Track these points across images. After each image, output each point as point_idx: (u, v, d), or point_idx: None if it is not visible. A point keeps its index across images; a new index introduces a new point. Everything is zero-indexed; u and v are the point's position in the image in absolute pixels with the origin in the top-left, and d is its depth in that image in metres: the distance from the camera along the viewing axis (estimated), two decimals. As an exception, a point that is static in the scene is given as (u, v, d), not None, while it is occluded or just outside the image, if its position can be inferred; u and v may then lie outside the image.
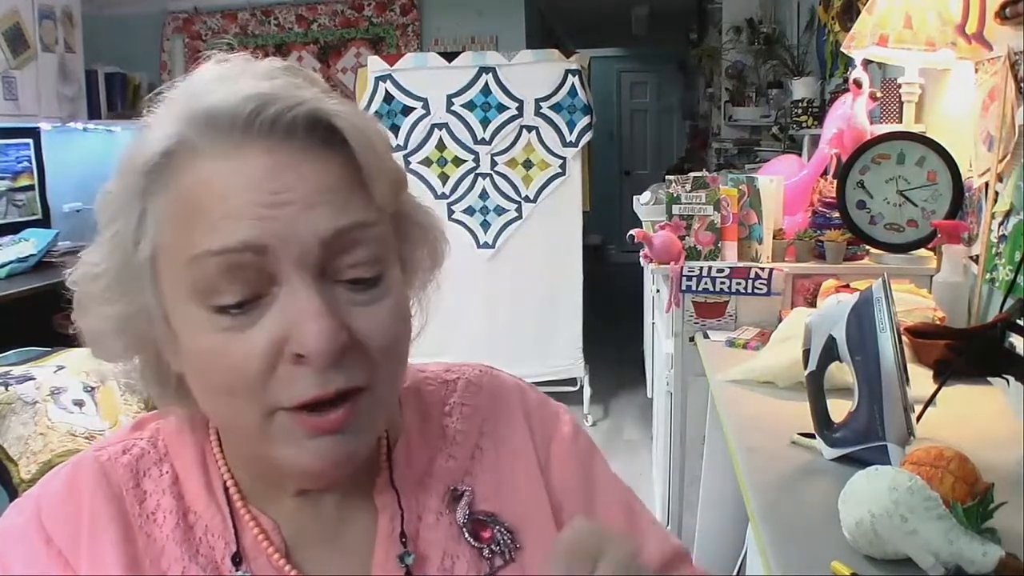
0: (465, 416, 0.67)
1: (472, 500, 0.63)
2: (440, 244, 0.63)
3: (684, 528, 2.33)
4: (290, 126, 0.51)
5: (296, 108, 0.51)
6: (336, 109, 0.52)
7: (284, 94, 0.51)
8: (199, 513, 0.59)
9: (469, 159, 3.92)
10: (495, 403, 0.69)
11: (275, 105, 0.50)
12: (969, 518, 0.90)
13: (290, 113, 0.50)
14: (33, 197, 4.45)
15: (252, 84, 0.51)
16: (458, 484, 0.64)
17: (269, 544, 0.58)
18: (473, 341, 3.62)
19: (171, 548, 0.57)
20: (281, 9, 5.35)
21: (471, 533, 0.62)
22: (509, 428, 0.68)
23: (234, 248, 0.49)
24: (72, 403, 2.05)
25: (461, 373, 0.71)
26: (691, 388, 2.20)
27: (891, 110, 2.33)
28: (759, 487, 1.16)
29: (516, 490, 0.65)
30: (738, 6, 4.93)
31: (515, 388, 0.72)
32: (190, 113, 0.51)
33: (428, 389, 0.69)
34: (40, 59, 4.20)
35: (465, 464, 0.65)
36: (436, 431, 0.66)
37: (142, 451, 0.61)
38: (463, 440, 0.66)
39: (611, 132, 9.04)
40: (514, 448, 0.67)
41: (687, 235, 2.15)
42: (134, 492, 0.58)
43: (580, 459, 0.70)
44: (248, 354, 0.50)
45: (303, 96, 0.51)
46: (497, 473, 0.65)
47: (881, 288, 1.17)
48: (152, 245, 0.52)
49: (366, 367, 0.53)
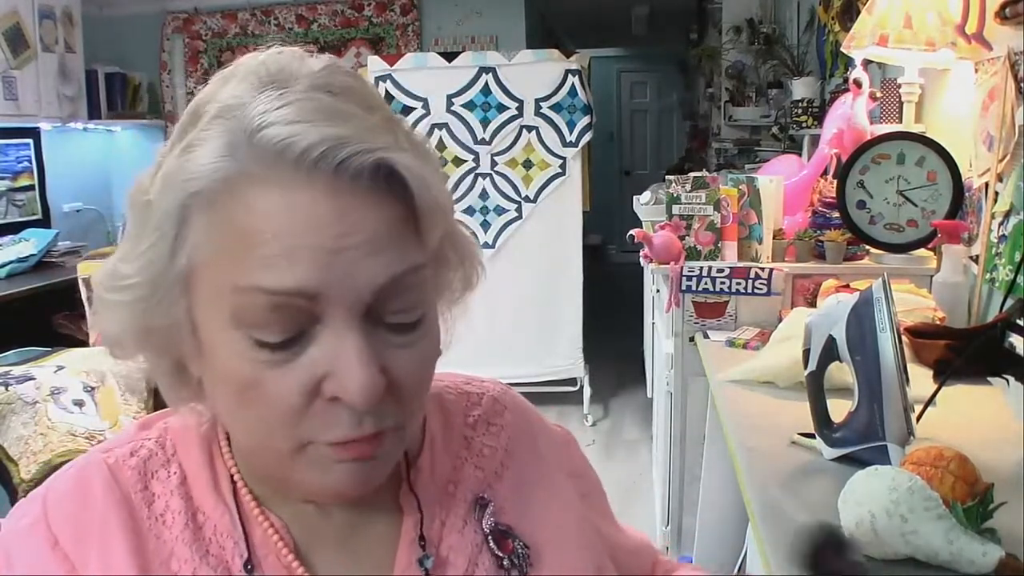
0: (492, 433, 0.68)
1: (495, 511, 0.64)
2: (474, 273, 0.62)
3: (684, 528, 2.33)
4: (358, 170, 0.48)
5: (368, 155, 0.48)
6: (402, 158, 0.50)
7: (357, 138, 0.48)
8: (207, 513, 0.58)
9: (469, 159, 3.92)
10: (519, 424, 0.70)
11: (347, 149, 0.48)
12: (969, 518, 0.90)
13: (360, 159, 0.48)
14: (33, 197, 4.46)
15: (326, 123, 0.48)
16: (483, 493, 0.64)
17: (280, 541, 0.57)
18: (473, 341, 3.58)
19: (180, 549, 0.56)
20: (281, 9, 5.35)
21: (496, 542, 0.62)
22: (532, 451, 0.69)
23: (288, 291, 0.48)
24: (72, 403, 2.05)
25: (483, 389, 0.72)
26: (691, 388, 2.20)
27: (891, 110, 2.33)
28: (759, 487, 1.16)
29: (535, 510, 0.65)
30: (738, 6, 4.93)
31: (532, 411, 0.73)
32: (254, 142, 0.48)
33: (448, 398, 0.70)
34: (40, 59, 4.20)
35: (490, 477, 0.66)
36: (459, 440, 0.67)
37: (150, 452, 0.60)
38: (490, 455, 0.67)
39: (611, 132, 9.04)
40: (537, 471, 0.68)
41: (687, 235, 2.15)
42: (142, 495, 0.58)
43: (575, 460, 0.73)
44: (287, 390, 0.49)
45: (375, 143, 0.49)
46: (518, 492, 0.66)
47: (881, 288, 1.17)
48: (189, 260, 0.51)
49: (398, 408, 0.53)
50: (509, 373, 3.78)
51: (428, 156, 0.55)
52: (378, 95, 0.55)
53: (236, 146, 0.49)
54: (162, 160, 0.52)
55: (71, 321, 3.49)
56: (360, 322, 0.50)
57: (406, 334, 0.52)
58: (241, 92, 0.50)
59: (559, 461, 0.71)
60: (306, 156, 0.47)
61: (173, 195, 0.50)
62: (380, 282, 0.49)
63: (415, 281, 0.52)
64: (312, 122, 0.48)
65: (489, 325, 3.82)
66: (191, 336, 0.53)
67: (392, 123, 0.53)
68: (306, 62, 0.52)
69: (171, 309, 0.52)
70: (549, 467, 0.69)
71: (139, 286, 0.52)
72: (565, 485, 0.69)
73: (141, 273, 0.52)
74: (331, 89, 0.51)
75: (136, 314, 0.53)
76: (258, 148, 0.48)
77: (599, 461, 3.48)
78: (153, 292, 0.52)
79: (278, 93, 0.49)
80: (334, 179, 0.48)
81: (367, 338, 0.50)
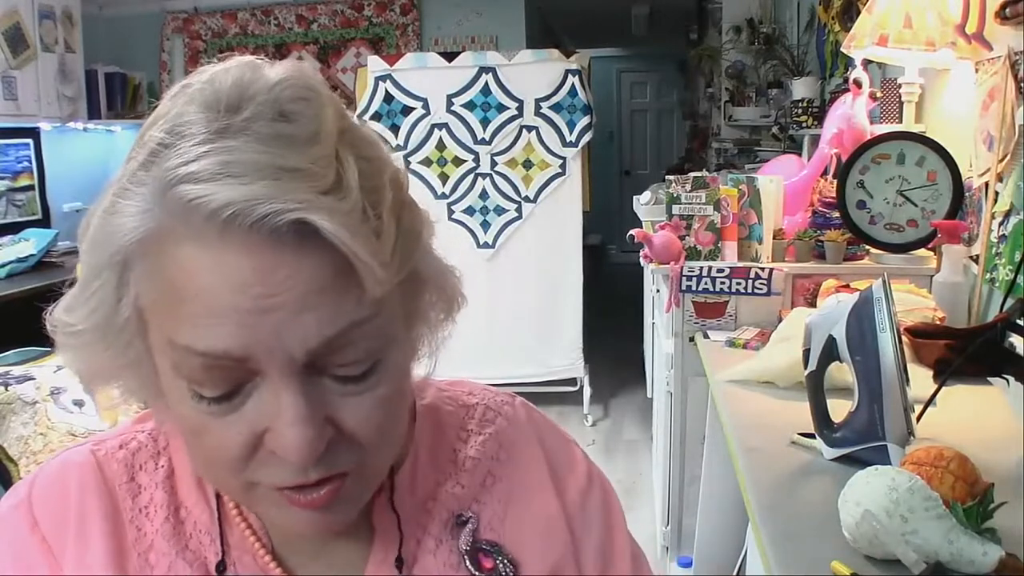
0: (479, 444, 0.65)
1: (477, 528, 0.61)
2: (454, 301, 0.59)
3: (684, 528, 2.33)
4: (275, 229, 0.45)
5: (281, 216, 0.44)
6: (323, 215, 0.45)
7: (272, 196, 0.44)
8: (190, 509, 0.58)
9: (469, 159, 3.92)
10: (513, 432, 0.66)
11: (259, 209, 0.44)
12: (969, 518, 0.90)
13: (274, 220, 0.44)
14: (33, 197, 4.46)
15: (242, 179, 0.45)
16: (464, 511, 0.62)
17: (257, 542, 0.57)
18: (473, 341, 3.61)
19: (159, 543, 0.57)
20: (281, 9, 5.35)
21: (473, 562, 0.60)
22: (526, 461, 0.65)
23: (215, 355, 0.46)
24: (72, 403, 2.05)
25: (482, 399, 0.68)
26: (691, 388, 2.20)
27: (891, 110, 2.33)
28: (759, 487, 1.16)
29: (524, 523, 0.62)
30: (738, 6, 4.93)
31: (538, 421, 0.69)
32: (167, 196, 0.46)
33: (447, 410, 0.67)
34: (40, 59, 4.20)
35: (474, 491, 0.63)
36: (447, 455, 0.64)
37: (140, 444, 0.61)
38: (473, 467, 0.63)
39: (611, 132, 9.04)
40: (529, 481, 0.64)
41: (687, 235, 2.15)
42: (127, 487, 0.58)
43: (599, 505, 0.67)
44: (229, 441, 0.49)
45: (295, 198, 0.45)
46: (506, 504, 0.63)
47: (881, 288, 1.17)
48: (136, 305, 0.49)
49: (352, 454, 0.50)
50: (509, 373, 3.78)
51: (380, 190, 0.49)
52: (338, 107, 0.51)
53: (155, 201, 0.46)
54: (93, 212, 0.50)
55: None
56: (298, 378, 0.47)
57: (356, 383, 0.49)
58: (188, 113, 0.47)
59: (564, 473, 0.66)
60: (217, 216, 0.44)
61: (104, 249, 0.48)
62: (312, 345, 0.47)
63: (358, 335, 0.48)
64: (227, 178, 0.45)
65: (489, 325, 3.82)
66: (154, 375, 0.52)
67: (346, 147, 0.49)
68: (262, 75, 0.49)
69: (127, 351, 0.51)
70: (554, 480, 0.65)
71: (86, 332, 0.51)
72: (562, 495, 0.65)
73: (86, 320, 0.50)
74: (282, 110, 0.47)
75: (95, 355, 0.52)
76: (171, 203, 0.45)
77: (599, 461, 3.47)
78: (103, 337, 0.51)
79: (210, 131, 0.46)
80: (253, 236, 0.45)
81: (306, 394, 0.47)
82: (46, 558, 0.55)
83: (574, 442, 0.70)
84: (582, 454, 0.69)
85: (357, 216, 0.47)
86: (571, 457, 0.68)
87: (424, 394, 0.67)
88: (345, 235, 0.45)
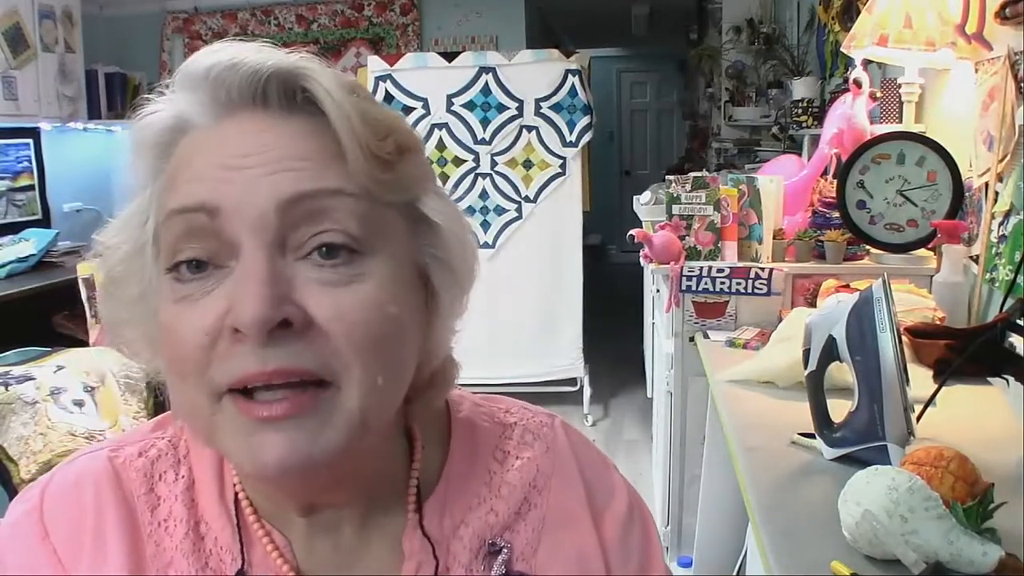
0: (516, 469, 0.62)
1: (509, 558, 0.58)
2: (464, 271, 0.56)
3: (684, 528, 2.33)
4: (265, 94, 0.50)
5: (262, 70, 0.49)
6: (307, 71, 0.50)
7: (264, 59, 0.49)
8: (211, 524, 0.56)
9: (469, 159, 3.92)
10: (552, 459, 0.63)
11: (241, 69, 0.49)
12: (969, 518, 0.90)
13: (257, 75, 0.49)
14: (33, 197, 4.45)
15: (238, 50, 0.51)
16: (496, 539, 0.59)
17: (281, 559, 0.55)
18: (473, 341, 3.57)
19: (179, 560, 0.55)
20: (281, 9, 5.35)
21: None
22: (564, 491, 0.62)
23: (190, 208, 0.48)
24: (72, 403, 2.05)
25: (521, 418, 0.65)
26: (691, 388, 2.20)
27: (891, 110, 2.33)
28: (759, 487, 1.16)
29: (558, 556, 0.60)
30: (738, 6, 4.93)
31: (577, 445, 0.66)
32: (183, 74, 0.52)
33: (483, 426, 0.64)
34: (40, 59, 4.20)
35: (507, 519, 0.60)
36: (481, 477, 0.61)
37: (159, 452, 0.58)
38: (509, 494, 0.60)
39: (611, 132, 9.04)
40: (566, 512, 0.61)
41: (687, 235, 2.15)
42: (146, 498, 0.56)
43: (638, 539, 0.64)
44: (195, 326, 0.47)
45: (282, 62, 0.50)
46: (541, 533, 0.60)
47: (881, 288, 1.17)
48: (154, 221, 0.52)
49: (323, 353, 0.47)
50: (509, 373, 3.78)
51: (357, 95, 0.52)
52: None
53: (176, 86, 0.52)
54: None
55: (71, 321, 3.49)
56: (267, 248, 0.47)
57: (335, 269, 0.48)
58: None
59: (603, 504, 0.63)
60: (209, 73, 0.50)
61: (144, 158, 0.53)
62: (281, 199, 0.47)
63: (338, 206, 0.48)
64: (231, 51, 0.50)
65: (489, 325, 3.82)
66: (153, 318, 0.52)
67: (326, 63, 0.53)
68: None
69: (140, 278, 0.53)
70: (591, 509, 0.62)
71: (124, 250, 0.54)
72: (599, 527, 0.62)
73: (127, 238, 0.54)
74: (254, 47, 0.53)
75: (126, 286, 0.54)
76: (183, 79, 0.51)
77: (599, 461, 3.47)
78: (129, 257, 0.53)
79: None
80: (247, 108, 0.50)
81: (270, 261, 0.47)
82: (55, 571, 0.54)
83: (614, 467, 0.68)
84: (622, 480, 0.67)
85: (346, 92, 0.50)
86: (610, 485, 0.65)
87: (460, 407, 0.64)
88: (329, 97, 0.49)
